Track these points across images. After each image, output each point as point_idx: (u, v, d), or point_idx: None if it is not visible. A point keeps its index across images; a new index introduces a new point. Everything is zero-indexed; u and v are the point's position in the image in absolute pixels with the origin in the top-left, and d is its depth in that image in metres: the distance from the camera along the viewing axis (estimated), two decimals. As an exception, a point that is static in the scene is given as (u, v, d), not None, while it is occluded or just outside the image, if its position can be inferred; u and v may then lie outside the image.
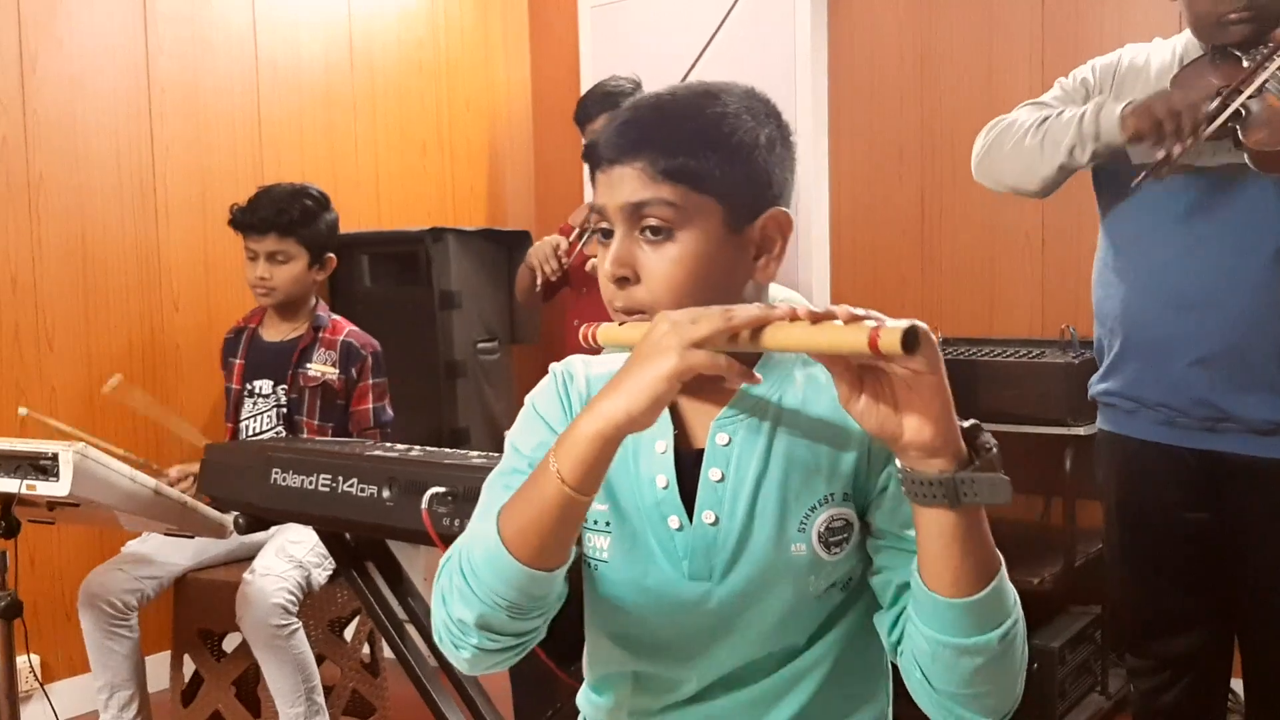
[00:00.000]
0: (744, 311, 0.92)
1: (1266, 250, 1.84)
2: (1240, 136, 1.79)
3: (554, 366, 1.19)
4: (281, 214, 2.70)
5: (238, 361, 2.80)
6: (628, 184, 1.04)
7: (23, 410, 2.65)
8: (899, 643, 1.05)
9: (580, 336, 1.07)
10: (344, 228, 3.59)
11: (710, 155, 1.02)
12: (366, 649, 2.77)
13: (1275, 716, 2.01)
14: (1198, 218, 1.90)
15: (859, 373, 0.93)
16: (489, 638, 1.03)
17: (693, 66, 3.05)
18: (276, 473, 1.89)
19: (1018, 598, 1.00)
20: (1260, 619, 2.00)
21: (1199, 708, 2.09)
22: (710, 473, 1.07)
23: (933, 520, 0.93)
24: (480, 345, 3.58)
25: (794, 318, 0.91)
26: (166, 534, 2.36)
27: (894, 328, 0.84)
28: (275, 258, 2.71)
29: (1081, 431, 2.60)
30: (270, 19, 3.54)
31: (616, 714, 1.18)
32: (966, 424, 0.93)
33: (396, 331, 3.47)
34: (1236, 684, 2.14)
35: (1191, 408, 1.92)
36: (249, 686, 2.67)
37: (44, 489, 1.86)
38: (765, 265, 1.07)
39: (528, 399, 1.18)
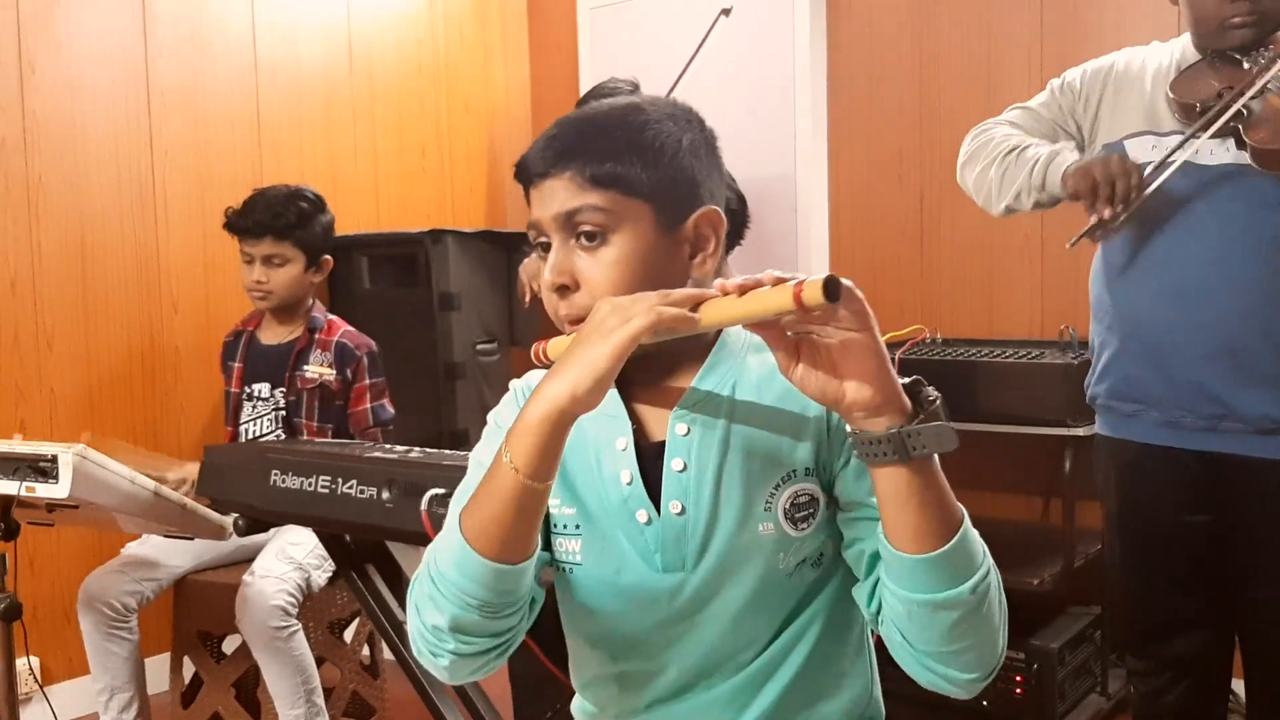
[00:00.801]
0: (678, 292, 0.97)
1: (1264, 246, 1.85)
2: (1243, 135, 1.79)
3: (514, 383, 1.23)
4: (277, 217, 2.69)
5: (236, 365, 2.80)
6: (559, 194, 1.07)
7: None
8: (879, 612, 1.05)
9: (533, 356, 1.09)
10: (343, 230, 3.60)
11: (635, 160, 1.06)
12: (366, 650, 2.77)
13: (1276, 718, 2.02)
14: (1196, 216, 1.90)
15: (795, 342, 0.96)
16: (464, 640, 1.04)
17: (685, 69, 3.05)
18: (276, 474, 1.89)
19: (986, 550, 1.01)
20: (1261, 621, 2.00)
21: (1200, 709, 2.09)
22: (673, 463, 1.09)
23: (887, 478, 0.95)
24: (479, 347, 3.58)
25: (726, 292, 0.94)
26: (166, 536, 2.35)
27: (815, 280, 0.88)
28: (271, 261, 2.71)
29: (1081, 432, 2.60)
30: (269, 22, 3.54)
31: (603, 717, 1.20)
32: (908, 380, 0.96)
33: (396, 333, 3.47)
34: (1238, 685, 2.14)
35: (1193, 404, 1.93)
36: (249, 688, 2.67)
37: (43, 491, 1.86)
38: (702, 262, 1.10)
39: (490, 416, 1.22)
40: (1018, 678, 2.68)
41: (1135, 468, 2.05)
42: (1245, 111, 1.81)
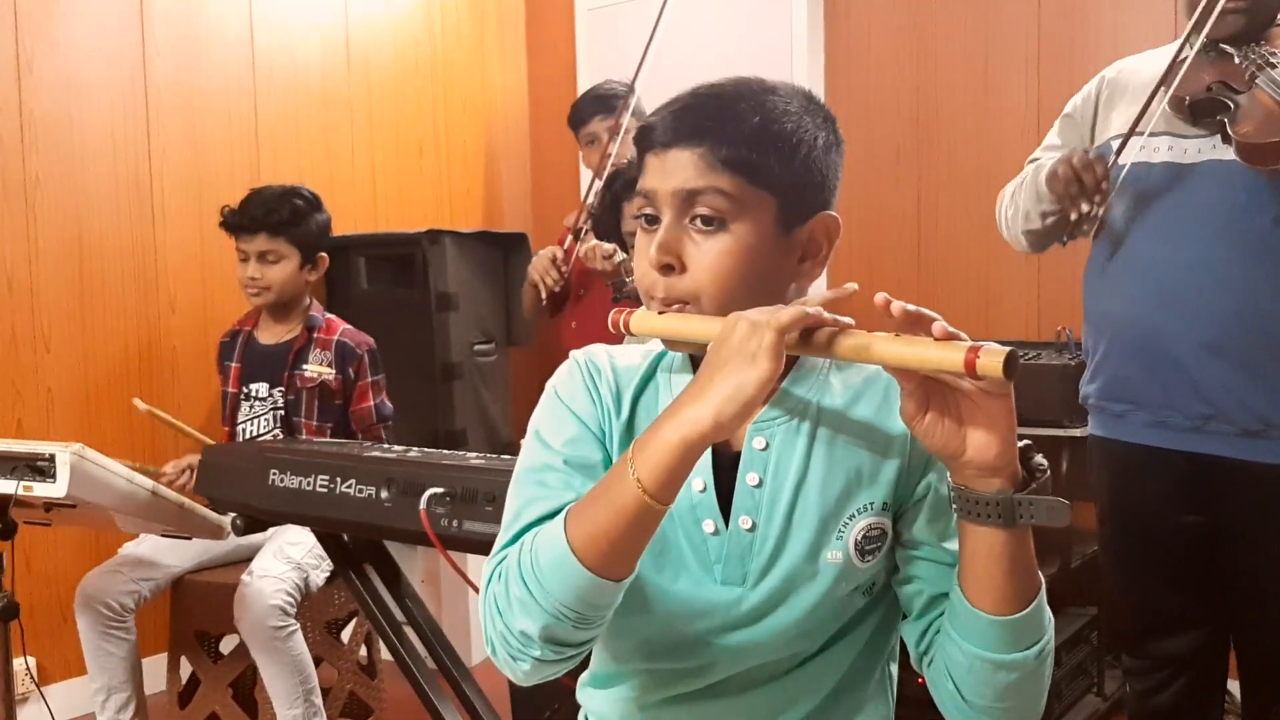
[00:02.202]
0: (816, 312, 0.92)
1: (1249, 243, 1.85)
2: (1229, 130, 1.80)
3: (576, 354, 1.15)
4: (271, 214, 2.70)
5: (234, 365, 2.80)
6: (684, 170, 1.01)
7: (140, 404, 2.64)
8: (925, 652, 1.05)
9: (610, 322, 1.04)
10: (340, 229, 3.60)
11: (770, 150, 1.01)
12: (364, 650, 2.77)
13: (1271, 717, 2.02)
14: (1179, 214, 1.92)
15: (926, 390, 0.92)
16: (552, 649, 0.98)
17: (640, 64, 3.01)
18: (274, 474, 1.89)
19: (1052, 616, 1.00)
20: (1254, 620, 2.01)
21: (1195, 708, 2.09)
22: (748, 477, 1.05)
23: (983, 539, 0.93)
24: (477, 347, 3.58)
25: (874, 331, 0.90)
26: (164, 535, 2.35)
27: (995, 351, 0.84)
28: (266, 258, 2.71)
29: (1077, 433, 2.61)
30: (267, 21, 3.54)
31: (626, 706, 1.15)
32: (1020, 444, 0.93)
33: (393, 333, 3.46)
34: (1233, 685, 2.15)
35: (1181, 404, 1.93)
36: (246, 688, 2.66)
37: (41, 490, 1.86)
38: (810, 269, 1.06)
39: (550, 387, 1.13)
40: (1014, 678, 2.68)
41: (1125, 468, 2.06)
42: (1232, 105, 1.82)
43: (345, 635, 2.80)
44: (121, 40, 3.21)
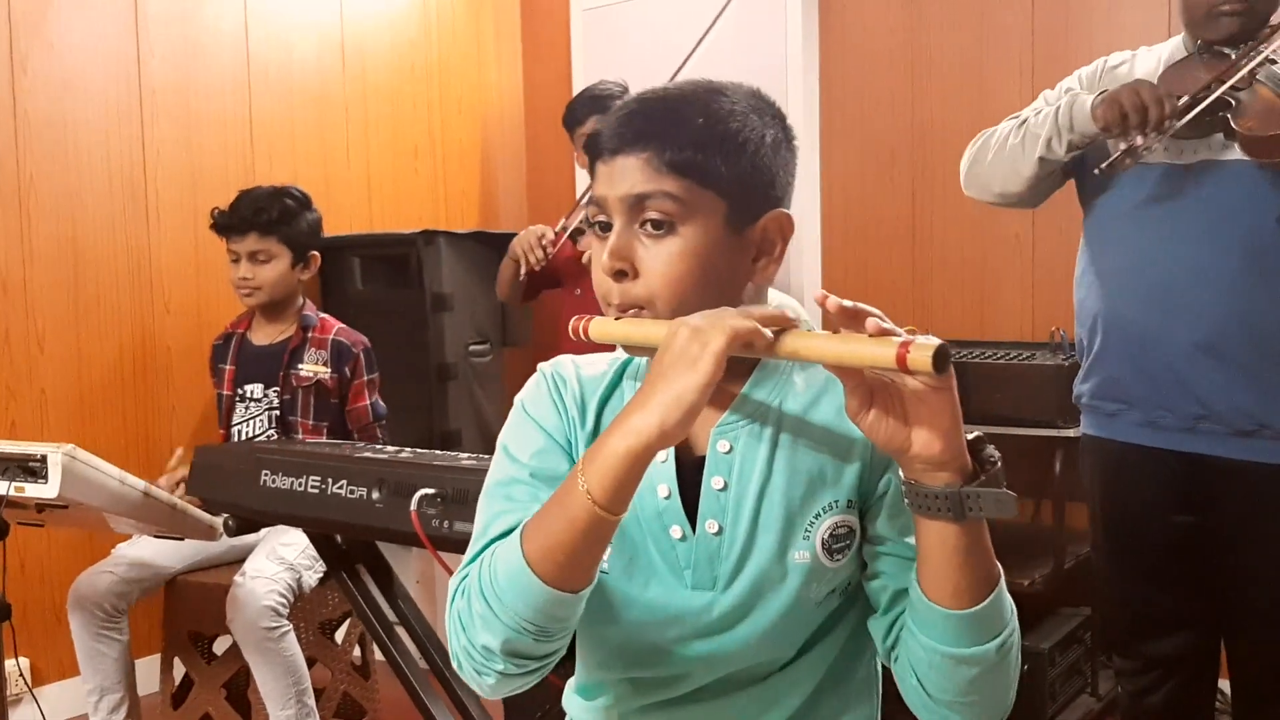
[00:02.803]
0: (759, 311, 0.92)
1: (1242, 243, 1.86)
2: (1232, 124, 1.80)
3: (543, 367, 1.16)
4: (260, 213, 2.70)
5: (228, 367, 2.80)
6: (631, 175, 1.01)
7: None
8: (893, 648, 1.05)
9: (569, 330, 1.05)
10: (336, 230, 3.60)
11: (717, 151, 1.01)
12: (357, 651, 2.77)
13: (1263, 717, 2.02)
14: (1175, 214, 1.92)
15: (870, 386, 0.92)
16: (514, 663, 0.99)
17: (679, 69, 3.05)
18: (266, 474, 1.89)
19: (1014, 608, 1.00)
20: (1246, 621, 2.01)
21: (1187, 709, 2.10)
22: (713, 481, 1.06)
23: (935, 532, 0.93)
24: (472, 348, 3.58)
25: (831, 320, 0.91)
26: (156, 536, 2.35)
27: (925, 345, 0.84)
28: (257, 257, 2.72)
29: (1071, 433, 2.61)
30: (262, 22, 3.54)
31: (607, 715, 1.16)
32: (971, 436, 0.93)
33: (388, 334, 3.46)
34: (1226, 685, 2.15)
35: (1173, 404, 1.93)
36: (239, 689, 2.66)
37: (33, 491, 1.86)
38: (765, 267, 1.06)
39: (518, 400, 1.15)
40: (1008, 678, 2.69)
41: (1118, 467, 2.06)
42: (1234, 102, 1.82)
43: (339, 636, 2.80)
44: (116, 41, 3.20)
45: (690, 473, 1.07)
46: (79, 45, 3.13)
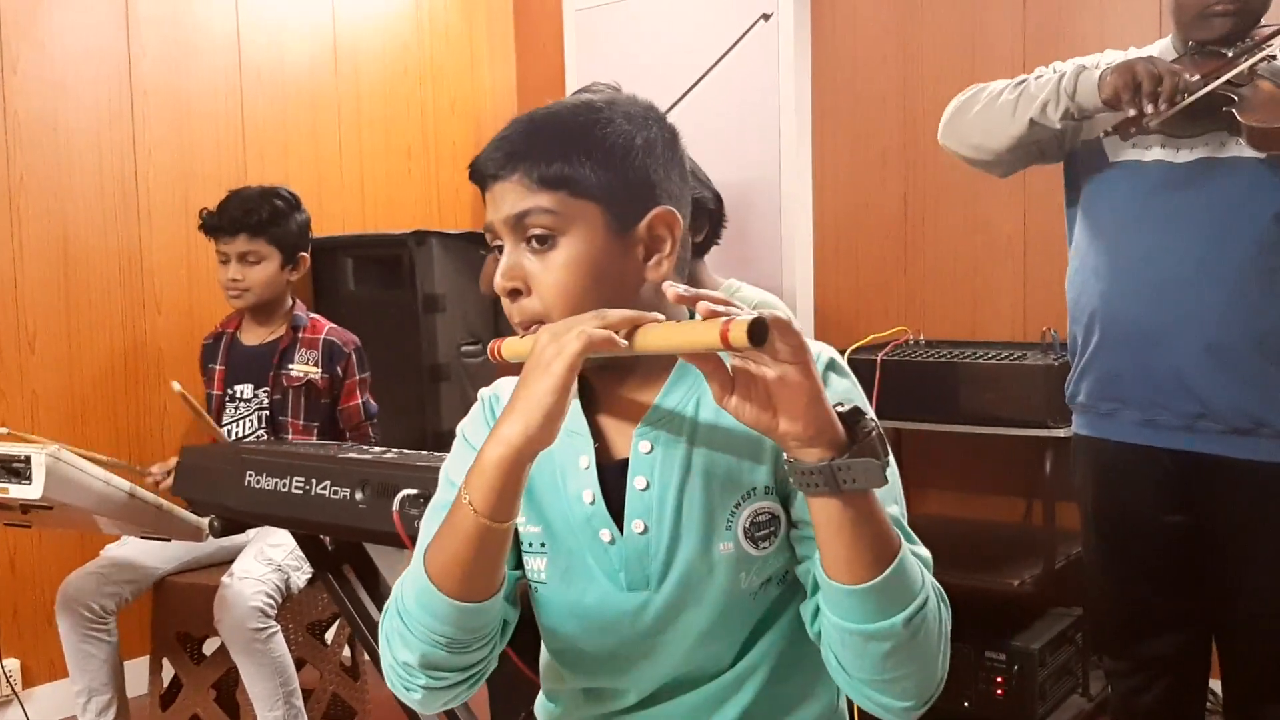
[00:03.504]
0: (615, 314, 0.96)
1: (1244, 240, 1.85)
2: (1238, 118, 1.79)
3: (483, 392, 1.20)
4: (249, 214, 2.70)
5: (218, 367, 2.80)
6: (509, 197, 1.05)
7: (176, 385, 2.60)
8: (820, 632, 1.05)
9: (489, 353, 1.08)
10: (329, 231, 3.61)
11: (584, 160, 1.04)
12: (347, 652, 2.76)
13: (1253, 716, 2.02)
14: (1172, 211, 1.91)
15: (730, 371, 0.94)
16: (434, 676, 1.05)
17: (689, 90, 3.04)
18: (251, 475, 1.88)
19: (928, 579, 1.00)
20: (1238, 621, 2.00)
21: (1177, 709, 2.09)
22: (635, 481, 1.08)
23: (821, 508, 0.94)
24: (464, 348, 3.58)
25: (682, 307, 0.94)
26: (143, 537, 2.34)
27: (742, 320, 0.86)
28: (246, 258, 2.71)
29: (1061, 433, 2.60)
30: (254, 22, 3.53)
31: None
32: (845, 408, 0.95)
33: (380, 335, 3.46)
34: (1218, 685, 2.15)
35: (1171, 402, 1.92)
36: (229, 690, 2.66)
37: (16, 492, 1.86)
38: (658, 264, 1.08)
39: (459, 428, 1.20)
40: (998, 679, 2.68)
41: (1112, 467, 2.05)
42: (1236, 98, 1.81)
43: (329, 637, 2.79)
44: (107, 42, 3.20)
45: (615, 477, 1.09)
46: (70, 45, 3.12)
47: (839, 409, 0.94)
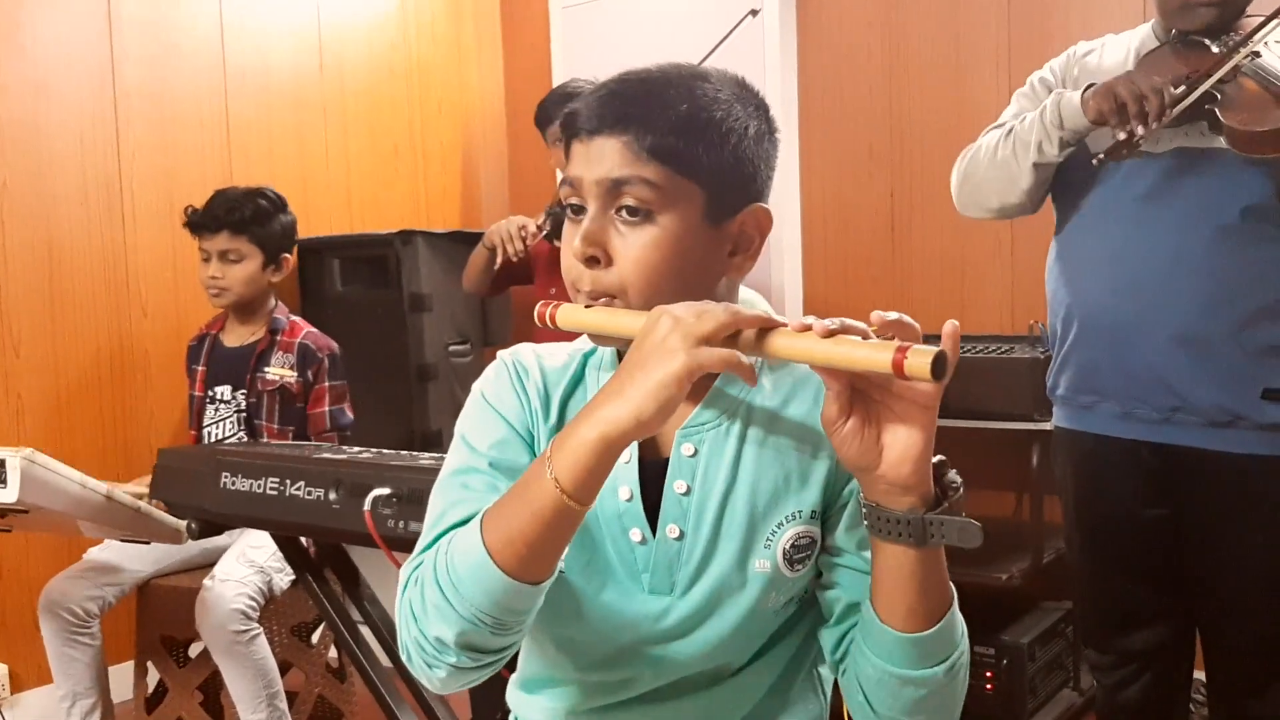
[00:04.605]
0: (750, 314, 0.88)
1: (1219, 233, 1.83)
2: (1219, 117, 1.78)
3: (503, 355, 1.13)
4: (232, 212, 2.69)
5: (200, 368, 2.79)
6: (609, 158, 0.98)
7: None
8: (842, 660, 1.03)
9: (536, 316, 1.02)
10: (316, 232, 3.60)
11: (699, 139, 0.97)
12: (333, 653, 2.75)
13: (1238, 710, 2.01)
14: (1148, 203, 1.89)
15: (851, 394, 0.89)
16: (469, 656, 0.96)
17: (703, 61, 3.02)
18: (226, 477, 1.88)
19: (965, 630, 0.99)
20: (1221, 614, 1.99)
21: (1162, 702, 2.09)
22: (675, 485, 1.03)
23: (893, 556, 0.91)
24: (452, 347, 3.57)
25: (805, 330, 0.87)
26: (123, 540, 2.34)
27: (925, 351, 0.81)
28: (227, 257, 2.70)
29: (1048, 427, 2.58)
30: (237, 23, 3.52)
31: (554, 715, 1.14)
32: (934, 459, 0.91)
33: (368, 335, 3.46)
34: (1201, 676, 2.14)
35: (1148, 395, 1.91)
36: (214, 693, 2.65)
37: (-9, 496, 1.85)
38: (741, 263, 1.03)
39: (476, 388, 1.11)
40: (988, 674, 2.68)
41: (1091, 460, 2.04)
42: (1218, 95, 1.80)
43: (315, 639, 2.78)
44: (90, 44, 3.19)
45: (653, 475, 1.04)
46: (52, 49, 3.11)
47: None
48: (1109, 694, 2.12)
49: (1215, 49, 1.85)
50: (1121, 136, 1.79)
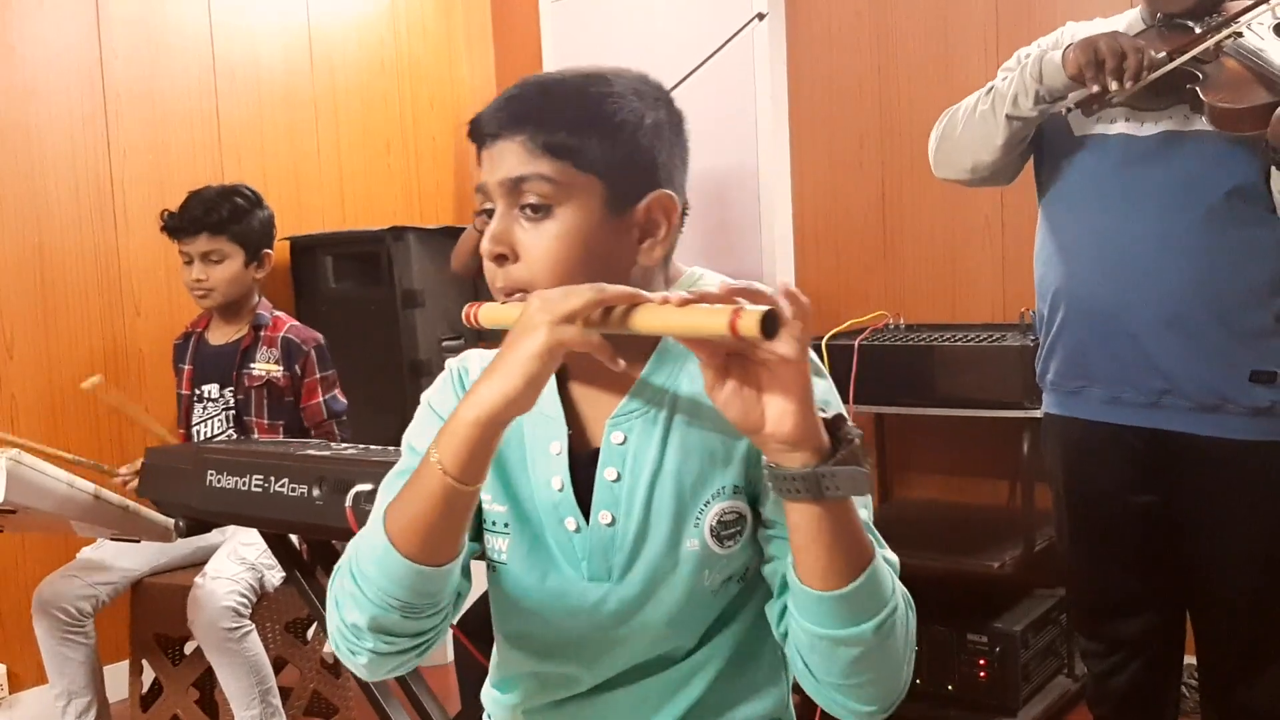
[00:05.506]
0: (613, 290, 0.92)
1: (1205, 215, 1.83)
2: (1200, 96, 1.78)
3: (450, 362, 1.18)
4: (209, 213, 2.68)
5: (186, 367, 2.79)
6: (508, 159, 1.02)
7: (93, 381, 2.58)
8: (786, 633, 1.04)
9: (464, 317, 1.05)
10: (307, 229, 3.60)
11: (591, 133, 1.01)
12: (328, 648, 2.75)
13: (1228, 695, 2.01)
14: (1134, 186, 1.89)
15: (726, 361, 0.92)
16: (384, 640, 1.02)
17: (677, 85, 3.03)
18: (212, 474, 1.87)
19: (897, 584, 0.99)
20: (1210, 600, 1.99)
21: (1153, 688, 2.08)
22: (606, 472, 1.07)
23: (799, 514, 0.92)
24: (445, 344, 3.57)
25: (665, 302, 0.90)
26: (113, 539, 2.34)
27: (754, 310, 0.83)
28: (209, 258, 2.70)
29: (1038, 414, 2.59)
30: (226, 21, 3.52)
31: (514, 712, 1.18)
32: (830, 414, 0.93)
33: (361, 331, 3.47)
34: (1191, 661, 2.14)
35: (1137, 379, 1.91)
36: (210, 691, 2.66)
37: (-24, 496, 1.85)
38: (650, 248, 1.05)
39: (423, 397, 1.17)
40: (981, 661, 2.68)
41: (1080, 447, 2.04)
42: (1200, 75, 1.79)
43: (309, 635, 2.79)
44: (78, 43, 3.20)
45: (586, 465, 1.07)
46: (40, 49, 3.12)
47: (822, 414, 0.92)
48: (1099, 681, 2.12)
49: (1199, 30, 1.85)
50: (1095, 89, 1.79)
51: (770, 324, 0.84)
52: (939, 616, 2.71)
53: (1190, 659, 2.10)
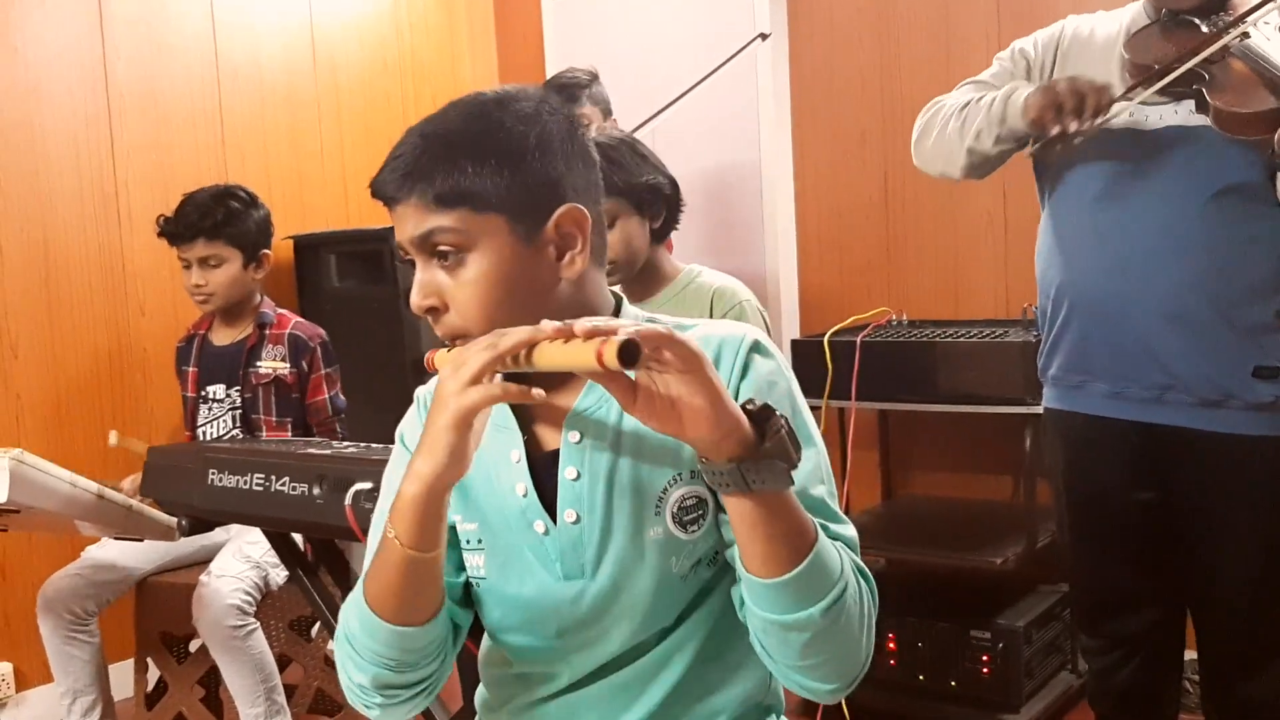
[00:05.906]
0: (509, 338, 0.94)
1: (1208, 210, 1.82)
2: (1207, 98, 1.77)
3: (419, 392, 1.20)
4: (204, 217, 2.67)
5: (190, 369, 2.79)
6: (410, 218, 1.04)
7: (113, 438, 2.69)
8: (746, 618, 1.05)
9: (425, 364, 1.08)
10: (311, 228, 3.61)
11: (480, 172, 1.02)
12: (331, 646, 2.76)
13: (1229, 691, 2.01)
14: (1136, 180, 1.88)
15: (629, 381, 0.94)
16: (388, 695, 1.09)
17: (672, 102, 3.02)
18: (213, 473, 1.88)
19: (846, 564, 1.01)
20: (1212, 596, 1.99)
21: (1153, 684, 2.08)
22: (566, 472, 1.09)
23: (734, 506, 0.95)
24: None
25: (558, 334, 0.92)
26: (117, 538, 2.36)
27: (614, 342, 0.86)
28: (208, 263, 2.69)
29: (1040, 410, 2.59)
30: (229, 20, 3.53)
31: (498, 712, 1.21)
32: (755, 406, 0.94)
33: (364, 330, 3.47)
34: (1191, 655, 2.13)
35: (1139, 374, 1.91)
36: (215, 689, 2.67)
37: (-20, 496, 1.86)
38: (571, 262, 1.07)
39: (397, 431, 1.21)
40: (984, 657, 2.67)
41: (1082, 441, 2.04)
42: (1206, 75, 1.79)
43: (314, 633, 2.80)
44: (82, 44, 3.21)
45: (547, 468, 1.10)
46: (44, 50, 3.13)
47: (748, 407, 0.94)
48: (1100, 678, 2.12)
49: (1205, 29, 1.84)
50: (1055, 131, 1.79)
51: (629, 352, 0.86)
52: (942, 612, 2.71)
53: (1191, 655, 2.10)
